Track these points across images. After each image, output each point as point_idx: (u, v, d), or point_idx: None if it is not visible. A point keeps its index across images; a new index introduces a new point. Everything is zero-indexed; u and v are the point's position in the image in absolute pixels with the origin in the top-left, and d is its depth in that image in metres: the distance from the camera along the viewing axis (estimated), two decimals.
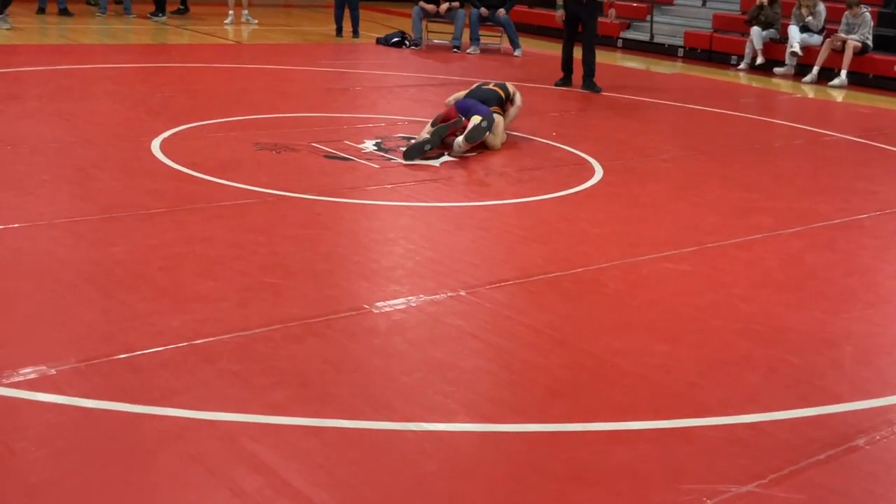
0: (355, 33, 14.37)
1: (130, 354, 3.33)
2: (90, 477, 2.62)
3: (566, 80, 10.71)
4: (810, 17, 12.84)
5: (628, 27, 15.84)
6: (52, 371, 3.17)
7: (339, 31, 14.46)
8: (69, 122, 7.06)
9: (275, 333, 3.60)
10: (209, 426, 2.91)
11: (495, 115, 7.01)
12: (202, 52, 11.80)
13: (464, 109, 6.95)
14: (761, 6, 13.39)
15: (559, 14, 10.59)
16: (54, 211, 4.89)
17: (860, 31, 12.50)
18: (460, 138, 6.70)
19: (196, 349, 3.42)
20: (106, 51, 11.50)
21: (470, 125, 6.70)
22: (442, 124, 6.77)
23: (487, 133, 6.80)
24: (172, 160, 6.03)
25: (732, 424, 3.16)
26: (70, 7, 14.02)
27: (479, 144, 6.87)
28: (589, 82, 10.50)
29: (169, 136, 6.70)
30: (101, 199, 5.16)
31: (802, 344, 3.88)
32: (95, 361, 3.26)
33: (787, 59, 13.11)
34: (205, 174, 5.74)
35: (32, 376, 3.13)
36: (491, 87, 7.50)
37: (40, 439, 2.78)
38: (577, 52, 10.54)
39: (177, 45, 12.52)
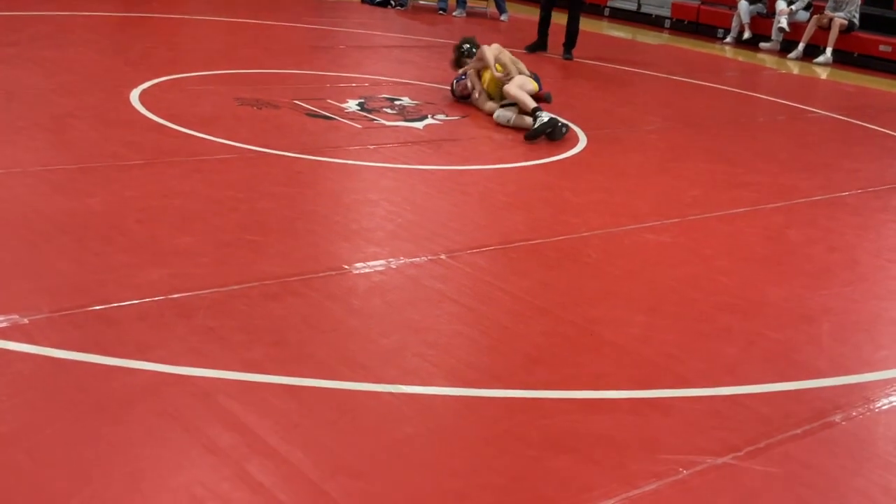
0: None
1: (105, 306, 3.28)
2: (61, 428, 2.58)
3: (539, 45, 10.42)
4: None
5: None
6: (25, 320, 3.12)
7: None
8: (46, 70, 6.93)
9: (252, 291, 3.56)
10: (184, 381, 2.87)
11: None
12: (184, 4, 11.61)
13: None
14: None
15: None
16: (30, 159, 4.80)
17: (847, 8, 12.48)
18: (511, 114, 6.68)
19: (172, 304, 3.37)
20: None
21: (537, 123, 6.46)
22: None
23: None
24: (151, 112, 5.93)
25: (710, 396, 3.16)
26: None
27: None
28: (568, 51, 10.36)
29: (148, 88, 6.59)
30: (78, 149, 5.07)
31: (781, 319, 3.88)
32: (69, 312, 3.21)
33: (774, 35, 13.09)
34: (184, 127, 5.65)
35: (4, 325, 3.07)
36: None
37: (11, 389, 2.73)
38: (556, 18, 10.41)
39: None
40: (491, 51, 7.08)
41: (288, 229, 4.26)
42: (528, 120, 6.63)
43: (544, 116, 6.36)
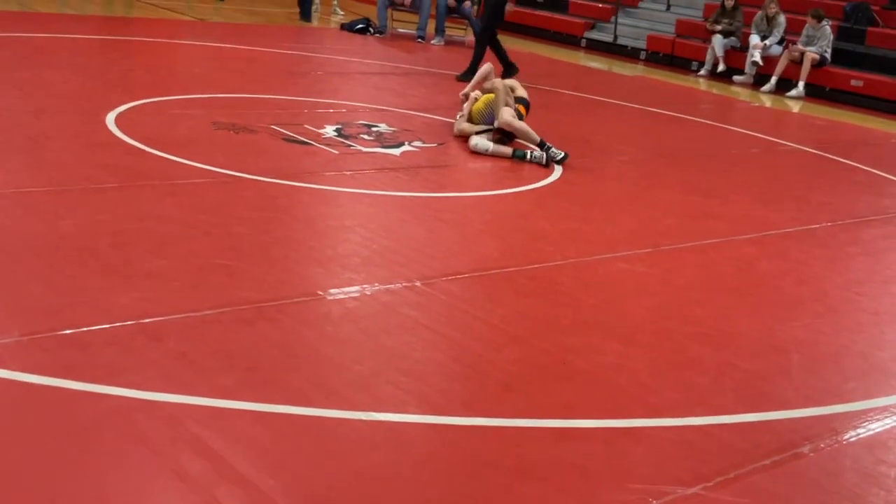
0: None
1: (76, 330, 3.26)
2: (29, 454, 2.55)
3: (510, 71, 10.22)
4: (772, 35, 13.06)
5: (592, 27, 15.90)
6: None
7: (303, 14, 14.33)
8: (23, 91, 6.90)
9: (225, 316, 3.54)
10: (154, 407, 2.85)
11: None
12: (162, 28, 11.62)
13: None
14: (723, 9, 13.59)
15: None
16: (3, 181, 4.77)
17: (819, 43, 12.67)
18: (490, 143, 6.80)
19: (144, 328, 3.35)
20: (65, 21, 11.27)
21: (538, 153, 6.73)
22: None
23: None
24: (127, 135, 5.91)
25: (681, 426, 3.18)
26: None
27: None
28: (467, 72, 9.89)
29: (125, 111, 6.58)
30: (52, 171, 5.05)
31: (752, 349, 3.91)
32: (39, 336, 3.18)
33: (747, 68, 13.26)
34: (160, 151, 5.64)
35: None
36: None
37: None
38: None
39: (137, 19, 12.31)
40: (503, 86, 7.18)
41: (262, 254, 4.26)
42: (507, 150, 6.69)
43: (556, 151, 6.67)
